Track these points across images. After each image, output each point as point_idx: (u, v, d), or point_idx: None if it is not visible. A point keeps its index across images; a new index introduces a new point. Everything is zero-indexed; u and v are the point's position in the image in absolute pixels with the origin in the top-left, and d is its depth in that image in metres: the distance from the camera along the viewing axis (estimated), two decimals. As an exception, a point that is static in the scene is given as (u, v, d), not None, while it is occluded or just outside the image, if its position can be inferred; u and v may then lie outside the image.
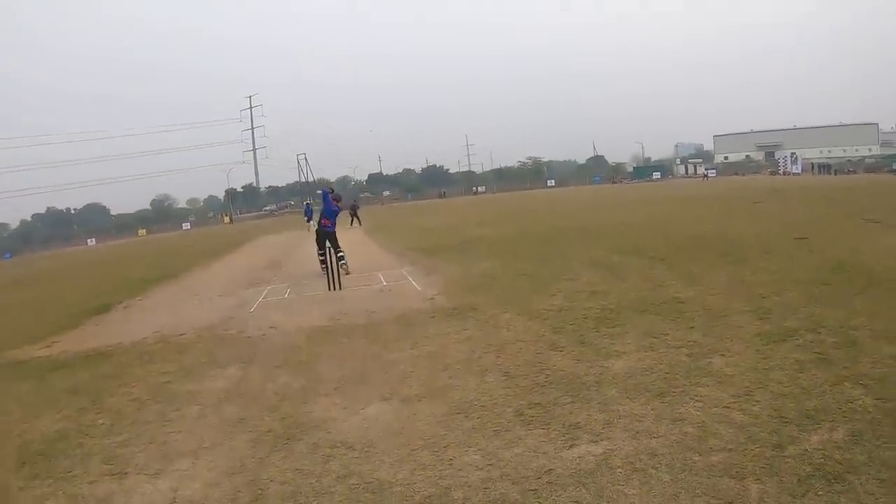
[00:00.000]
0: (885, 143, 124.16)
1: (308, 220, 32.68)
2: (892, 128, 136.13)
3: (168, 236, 76.10)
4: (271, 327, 9.02)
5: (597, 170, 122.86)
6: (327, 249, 13.18)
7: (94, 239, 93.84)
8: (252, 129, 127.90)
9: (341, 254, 13.39)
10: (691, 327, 6.82)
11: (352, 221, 35.07)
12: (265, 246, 28.64)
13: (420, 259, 15.19)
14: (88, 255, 51.50)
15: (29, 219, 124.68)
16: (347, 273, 13.30)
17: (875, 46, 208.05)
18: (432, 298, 9.85)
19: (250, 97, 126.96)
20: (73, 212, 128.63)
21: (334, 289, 11.76)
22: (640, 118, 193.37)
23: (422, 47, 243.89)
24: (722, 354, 5.79)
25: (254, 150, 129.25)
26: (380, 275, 13.09)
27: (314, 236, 14.56)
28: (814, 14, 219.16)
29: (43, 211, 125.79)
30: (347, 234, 22.33)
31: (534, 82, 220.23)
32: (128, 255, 37.33)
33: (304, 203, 35.53)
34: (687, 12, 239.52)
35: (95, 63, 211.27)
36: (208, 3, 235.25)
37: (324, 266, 12.47)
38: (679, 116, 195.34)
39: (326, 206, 14.04)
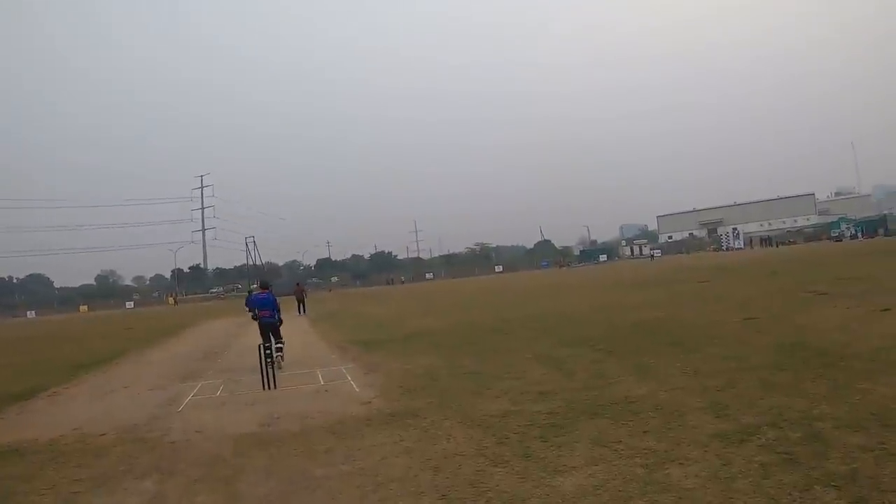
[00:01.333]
0: (821, 212, 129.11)
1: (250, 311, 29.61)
2: (827, 196, 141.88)
3: (110, 314, 74.26)
4: (197, 431, 8.44)
5: (544, 254, 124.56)
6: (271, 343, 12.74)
7: (34, 312, 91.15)
8: (202, 208, 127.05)
9: (280, 345, 12.92)
10: (645, 431, 6.50)
11: (299, 308, 34.04)
12: (205, 333, 27.70)
13: (362, 354, 14.70)
14: (26, 329, 49.59)
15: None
16: (280, 367, 12.81)
17: (807, 120, 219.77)
18: (370, 402, 9.38)
19: (202, 177, 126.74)
20: (14, 281, 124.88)
21: (269, 388, 11.19)
22: (586, 202, 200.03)
23: (371, 136, 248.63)
24: (680, 463, 5.45)
25: (203, 230, 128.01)
26: (318, 372, 12.55)
27: (249, 328, 14.12)
28: (746, 93, 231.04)
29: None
30: (291, 324, 21.83)
31: (481, 172, 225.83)
32: (65, 334, 35.92)
33: (248, 292, 32.72)
34: (622, 100, 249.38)
35: (46, 130, 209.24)
36: (163, 82, 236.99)
37: (269, 361, 11.87)
38: (623, 199, 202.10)
39: (259, 300, 13.74)
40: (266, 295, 13.76)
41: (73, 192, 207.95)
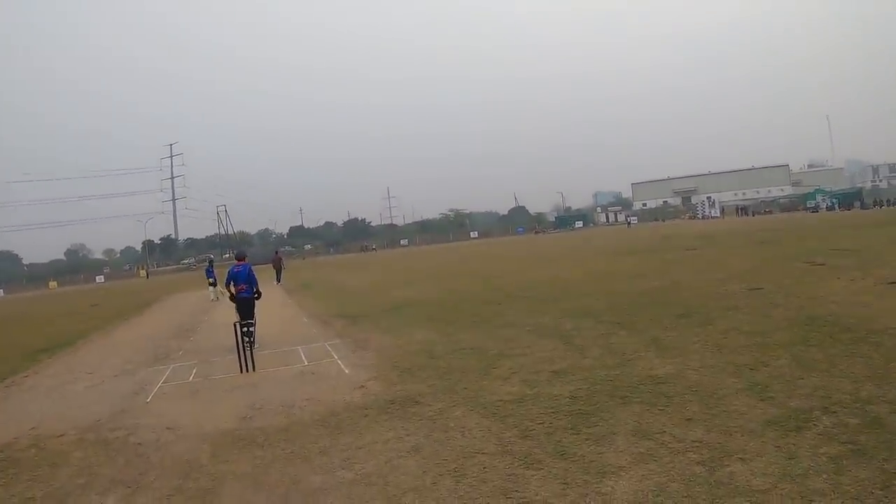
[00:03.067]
0: (795, 183, 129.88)
1: (211, 283, 26.94)
2: (800, 168, 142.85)
3: (79, 290, 72.42)
4: (168, 429, 7.33)
5: (519, 221, 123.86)
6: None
7: (2, 290, 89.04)
8: (172, 178, 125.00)
9: (252, 326, 11.70)
10: (688, 419, 5.67)
11: (277, 277, 33.71)
12: (177, 307, 26.44)
13: (347, 329, 13.64)
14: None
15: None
16: (254, 346, 11.49)
17: (784, 91, 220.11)
18: (363, 386, 8.32)
19: (171, 145, 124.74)
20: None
21: (247, 370, 10.09)
22: (559, 169, 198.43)
23: (341, 97, 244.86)
24: (740, 458, 4.69)
25: (173, 200, 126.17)
26: (301, 351, 11.48)
27: (223, 302, 12.93)
28: (723, 62, 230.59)
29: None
30: (268, 295, 20.60)
31: (453, 136, 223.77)
32: (30, 313, 34.37)
33: (207, 261, 31.43)
34: (597, 63, 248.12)
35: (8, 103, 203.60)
36: (130, 45, 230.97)
37: (247, 341, 10.76)
38: (596, 167, 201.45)
39: (235, 274, 12.42)
40: (243, 267, 12.54)
41: (39, 166, 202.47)
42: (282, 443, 6.35)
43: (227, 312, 13.66)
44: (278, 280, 33.61)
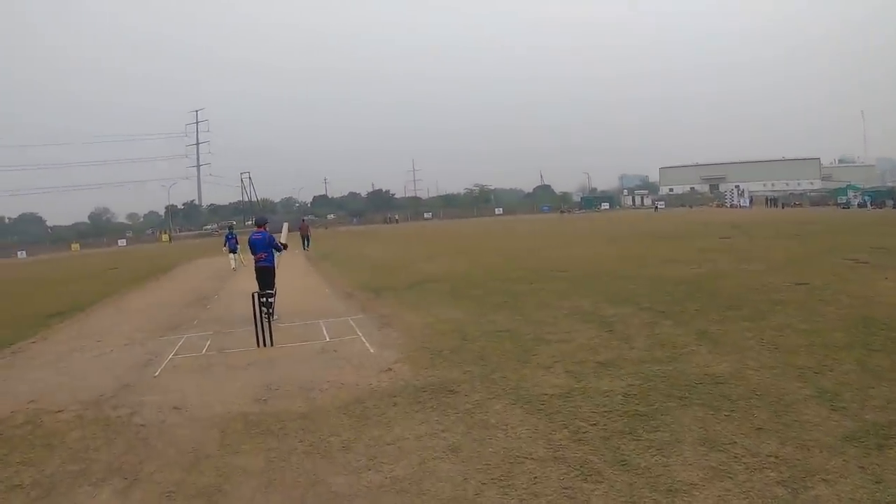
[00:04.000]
0: (825, 178, 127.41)
1: (231, 251, 25.73)
2: (830, 163, 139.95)
3: (100, 252, 72.55)
4: (175, 408, 6.65)
5: (544, 199, 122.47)
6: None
7: (24, 252, 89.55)
8: (197, 144, 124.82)
9: (271, 297, 11.07)
10: (758, 429, 4.92)
11: (303, 244, 34.34)
12: (196, 272, 26.02)
13: (371, 303, 12.90)
14: (10, 270, 47.35)
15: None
16: (273, 318, 10.95)
17: (816, 82, 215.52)
18: (391, 369, 7.57)
19: (196, 111, 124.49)
20: (7, 221, 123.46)
21: (265, 344, 9.40)
22: (585, 150, 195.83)
23: (369, 70, 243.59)
24: (823, 479, 4.00)
25: (198, 165, 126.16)
26: (322, 325, 10.78)
27: (243, 270, 12.30)
28: (754, 57, 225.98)
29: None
30: (291, 264, 19.96)
31: (480, 111, 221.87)
32: (48, 276, 33.96)
33: (228, 229, 29.90)
34: (633, 45, 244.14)
35: (35, 65, 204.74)
36: (158, 12, 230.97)
37: (265, 312, 10.07)
38: (623, 149, 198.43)
39: (253, 241, 11.91)
40: (262, 235, 11.84)
41: (65, 129, 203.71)
42: (300, 433, 5.60)
43: (248, 281, 12.96)
44: (305, 247, 34.11)
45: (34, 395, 7.65)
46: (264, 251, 11.67)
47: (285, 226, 13.35)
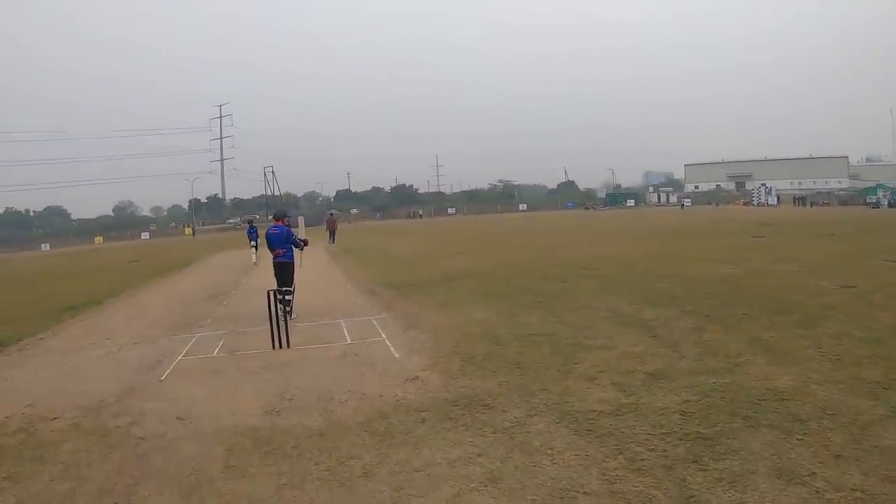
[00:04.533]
0: (853, 177, 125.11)
1: (253, 246, 25.55)
2: (857, 162, 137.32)
3: (123, 245, 72.84)
4: (179, 419, 6.00)
5: (568, 195, 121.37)
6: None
7: (48, 244, 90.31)
8: (221, 138, 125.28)
9: (289, 295, 10.50)
10: (837, 456, 4.21)
11: (330, 238, 34.40)
12: (215, 267, 25.50)
13: (395, 301, 12.15)
14: (32, 262, 47.44)
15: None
16: (291, 317, 10.48)
17: (841, 79, 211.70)
18: (418, 377, 6.84)
19: (220, 106, 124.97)
20: (32, 214, 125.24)
21: (280, 346, 8.73)
22: (609, 146, 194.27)
23: (392, 69, 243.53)
24: None
25: (221, 160, 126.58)
26: (343, 325, 10.11)
27: (263, 265, 11.75)
28: (781, 54, 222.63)
29: (1, 212, 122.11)
30: (311, 256, 19.30)
31: (503, 108, 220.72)
32: (67, 268, 33.69)
33: (248, 223, 29.66)
34: (656, 42, 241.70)
35: (63, 65, 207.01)
36: (184, 13, 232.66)
37: (283, 311, 9.54)
38: (647, 146, 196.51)
39: (271, 236, 11.34)
40: (280, 229, 11.20)
41: (92, 124, 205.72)
42: (315, 454, 4.90)
43: (267, 276, 12.26)
44: (331, 241, 33.90)
45: (33, 397, 7.11)
46: (282, 246, 11.05)
47: (301, 220, 12.74)
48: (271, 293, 8.95)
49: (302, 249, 11.51)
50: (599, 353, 7.25)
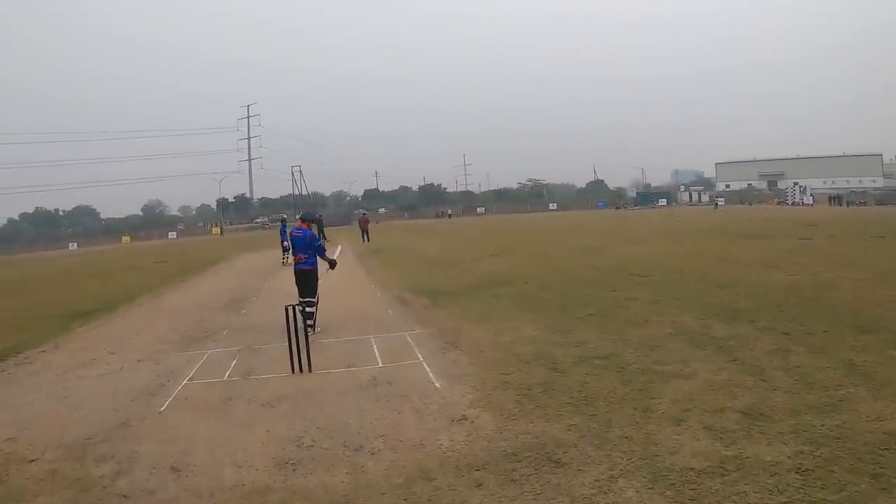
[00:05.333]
0: (887, 175, 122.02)
1: (284, 246, 23.83)
2: (891, 159, 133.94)
3: (150, 245, 72.66)
4: (174, 469, 4.87)
5: (598, 194, 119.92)
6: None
7: (76, 243, 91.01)
8: (248, 138, 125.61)
9: (311, 307, 9.44)
10: None
11: (362, 238, 34.39)
12: (238, 269, 24.57)
13: (430, 312, 10.92)
14: (56, 262, 47.15)
15: (17, 217, 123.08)
16: (314, 331, 9.43)
17: (874, 76, 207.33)
18: (465, 416, 5.59)
19: (248, 106, 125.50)
20: (61, 213, 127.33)
21: (301, 370, 7.55)
22: (638, 144, 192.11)
23: (420, 69, 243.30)
24: None
25: (249, 159, 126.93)
26: (373, 343, 8.89)
27: (290, 268, 10.77)
28: (813, 51, 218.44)
29: (31, 210, 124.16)
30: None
31: (531, 107, 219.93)
32: (88, 269, 33.12)
33: (280, 221, 28.89)
34: (685, 41, 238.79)
35: (95, 69, 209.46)
36: (212, 15, 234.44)
37: (309, 326, 8.55)
38: (677, 144, 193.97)
39: (294, 238, 10.35)
40: (304, 232, 10.10)
41: (122, 124, 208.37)
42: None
43: (290, 280, 11.05)
44: (365, 240, 34.02)
45: (17, 427, 6.21)
46: (305, 252, 9.94)
47: (338, 249, 11.61)
48: (289, 308, 7.73)
49: (326, 263, 10.27)
50: (678, 384, 6.05)
